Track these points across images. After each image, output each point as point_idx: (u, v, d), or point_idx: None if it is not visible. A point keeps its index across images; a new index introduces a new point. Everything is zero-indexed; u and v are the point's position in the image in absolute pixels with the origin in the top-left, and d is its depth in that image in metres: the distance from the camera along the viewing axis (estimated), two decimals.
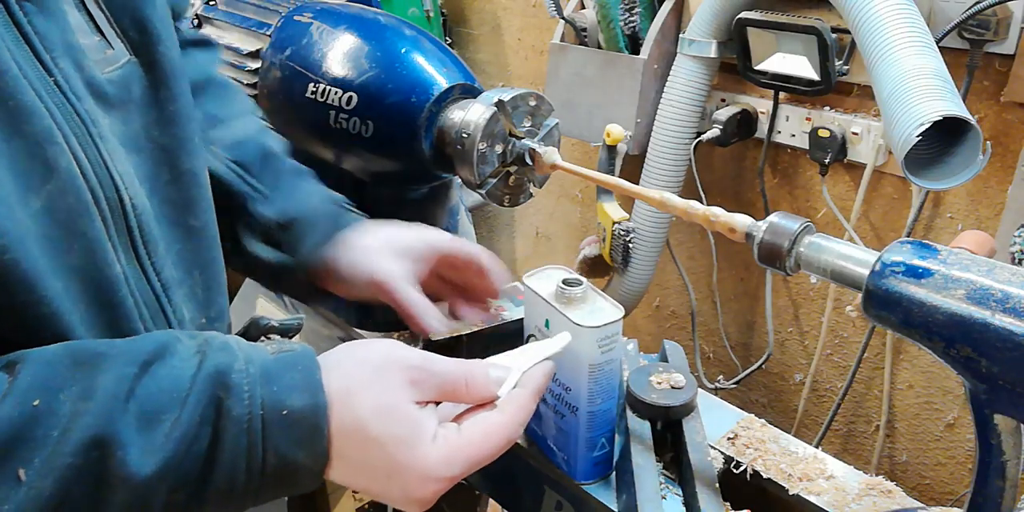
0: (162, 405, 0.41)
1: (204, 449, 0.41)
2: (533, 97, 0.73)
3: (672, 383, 0.78)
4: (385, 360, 0.47)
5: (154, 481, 0.40)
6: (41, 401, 0.39)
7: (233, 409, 0.42)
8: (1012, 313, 0.47)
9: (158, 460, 0.40)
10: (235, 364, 0.44)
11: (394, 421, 0.45)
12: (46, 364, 0.41)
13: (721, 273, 1.41)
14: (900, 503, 0.73)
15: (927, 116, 0.80)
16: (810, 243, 0.58)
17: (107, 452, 0.39)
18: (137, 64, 0.51)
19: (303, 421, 0.43)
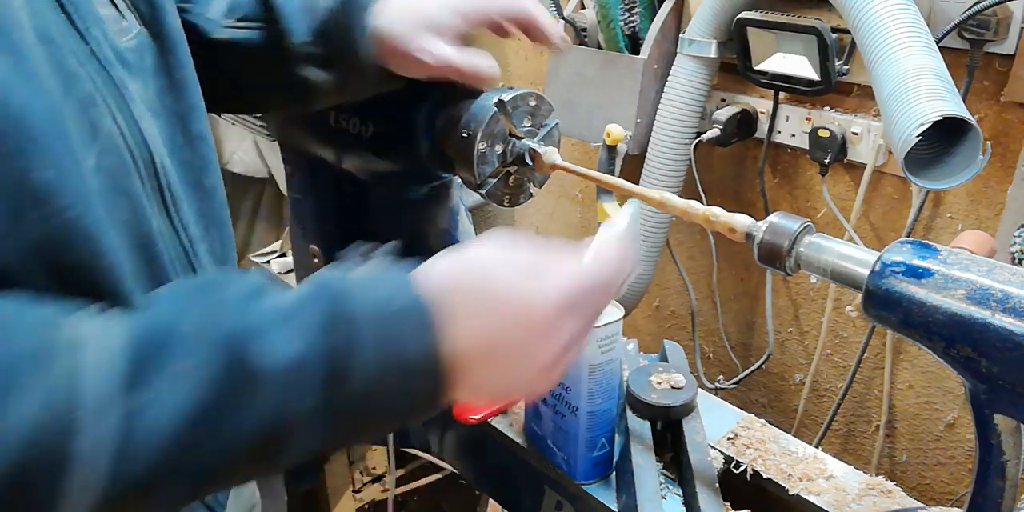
0: (286, 309, 0.41)
1: (336, 344, 0.40)
2: (533, 97, 0.73)
3: (672, 383, 0.78)
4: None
5: (292, 373, 0.39)
6: (177, 309, 0.41)
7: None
8: (1012, 313, 0.47)
9: (294, 350, 0.40)
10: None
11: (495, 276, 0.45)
12: (170, 291, 0.43)
13: (721, 273, 1.41)
14: (900, 503, 0.74)
15: (927, 116, 0.80)
16: (810, 243, 0.58)
17: (247, 345, 0.39)
18: (147, 35, 0.54)
19: (409, 310, 0.42)
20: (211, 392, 0.38)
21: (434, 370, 0.42)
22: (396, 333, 0.41)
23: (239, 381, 0.39)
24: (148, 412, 0.37)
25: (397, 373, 0.41)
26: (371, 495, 1.43)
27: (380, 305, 0.42)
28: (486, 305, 0.44)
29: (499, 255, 0.47)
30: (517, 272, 0.46)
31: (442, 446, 1.00)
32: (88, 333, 0.38)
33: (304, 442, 0.41)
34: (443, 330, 0.42)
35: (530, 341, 0.45)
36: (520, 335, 0.44)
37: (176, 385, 0.38)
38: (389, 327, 0.41)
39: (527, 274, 0.46)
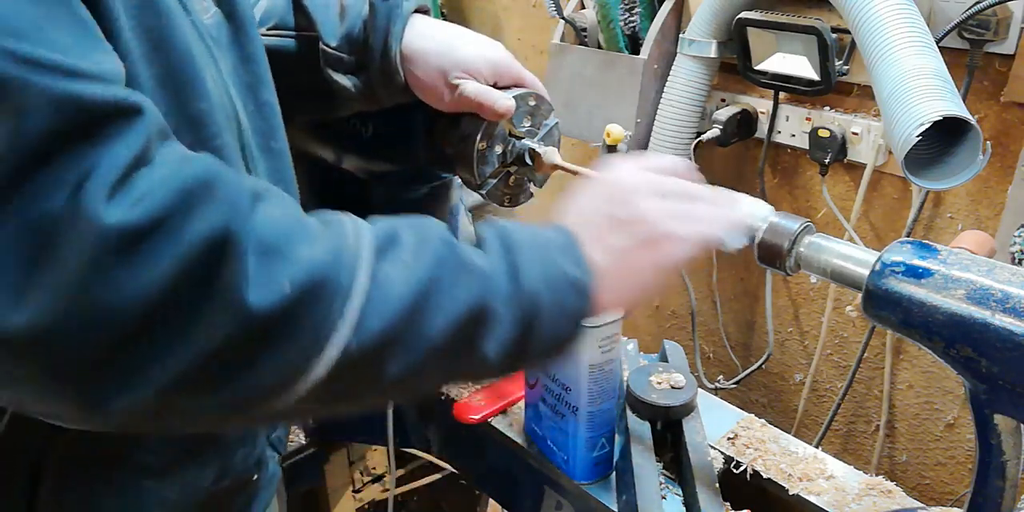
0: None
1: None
2: (533, 97, 0.73)
3: (672, 383, 0.78)
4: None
5: (487, 269, 0.48)
6: (395, 224, 0.48)
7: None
8: (1012, 313, 0.47)
9: (485, 259, 0.49)
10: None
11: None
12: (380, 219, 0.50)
13: (721, 273, 1.41)
14: (900, 503, 0.74)
15: (927, 116, 0.80)
16: (810, 243, 0.58)
17: (456, 247, 0.48)
18: (221, 14, 0.60)
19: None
20: (435, 270, 0.46)
21: (583, 280, 0.51)
22: (551, 255, 0.51)
23: (454, 267, 0.47)
24: (390, 277, 0.44)
25: (555, 284, 0.50)
26: (371, 495, 1.43)
27: (539, 235, 0.52)
28: (603, 224, 0.55)
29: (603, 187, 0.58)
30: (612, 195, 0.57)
31: (442, 446, 1.00)
32: (343, 217, 0.47)
33: (497, 333, 0.48)
34: (583, 249, 0.52)
35: (636, 224, 0.55)
36: (627, 226, 0.55)
37: (410, 263, 0.46)
38: (545, 249, 0.51)
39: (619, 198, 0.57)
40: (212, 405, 0.42)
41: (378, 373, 0.45)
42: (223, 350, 0.40)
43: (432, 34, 0.72)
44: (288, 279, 0.41)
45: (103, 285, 0.37)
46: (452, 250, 0.48)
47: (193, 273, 0.39)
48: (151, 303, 0.38)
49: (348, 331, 0.43)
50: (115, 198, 0.38)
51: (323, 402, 0.45)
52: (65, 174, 0.37)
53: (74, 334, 0.37)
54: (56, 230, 0.37)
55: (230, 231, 0.40)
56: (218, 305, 0.39)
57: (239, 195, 0.42)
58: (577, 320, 0.52)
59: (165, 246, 0.38)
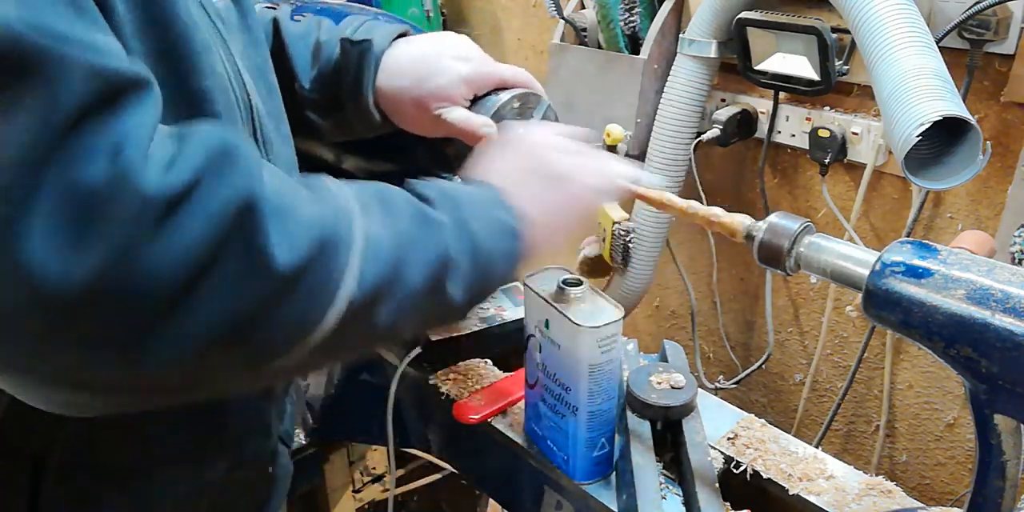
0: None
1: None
2: (517, 99, 0.74)
3: (672, 383, 0.78)
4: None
5: (450, 226, 0.53)
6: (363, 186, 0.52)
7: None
8: (1012, 313, 0.47)
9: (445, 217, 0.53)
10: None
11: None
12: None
13: (721, 273, 1.41)
14: (900, 503, 0.74)
15: (927, 116, 0.80)
16: (810, 243, 0.58)
17: (423, 208, 0.53)
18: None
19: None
20: (408, 225, 0.51)
21: (516, 226, 0.57)
22: (486, 207, 0.57)
23: (421, 222, 0.52)
24: (375, 232, 0.48)
25: (498, 234, 0.56)
26: (371, 495, 1.43)
27: (472, 192, 0.58)
28: (521, 173, 0.62)
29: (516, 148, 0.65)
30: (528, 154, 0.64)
31: (442, 446, 1.00)
32: (322, 179, 0.50)
33: (459, 278, 0.53)
34: (512, 202, 0.58)
35: (548, 168, 0.63)
36: (544, 178, 0.62)
37: (386, 220, 0.50)
38: (478, 203, 0.57)
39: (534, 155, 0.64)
40: (238, 361, 0.45)
41: (373, 321, 0.49)
42: (253, 306, 0.42)
43: (402, 71, 0.73)
44: (304, 236, 0.44)
45: (146, 249, 0.39)
46: (415, 207, 0.53)
47: (226, 235, 0.41)
48: (189, 264, 0.40)
49: (353, 283, 0.46)
50: (149, 165, 0.39)
51: (326, 353, 0.49)
52: (102, 141, 0.38)
53: (122, 295, 0.39)
54: (99, 197, 0.38)
55: (252, 194, 0.42)
56: (249, 264, 0.42)
57: (253, 159, 0.44)
58: (515, 260, 0.58)
59: (199, 209, 0.40)
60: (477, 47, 0.75)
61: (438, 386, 0.92)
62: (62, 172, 0.37)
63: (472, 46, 0.75)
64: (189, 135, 0.43)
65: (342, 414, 0.87)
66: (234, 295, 0.41)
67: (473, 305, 0.58)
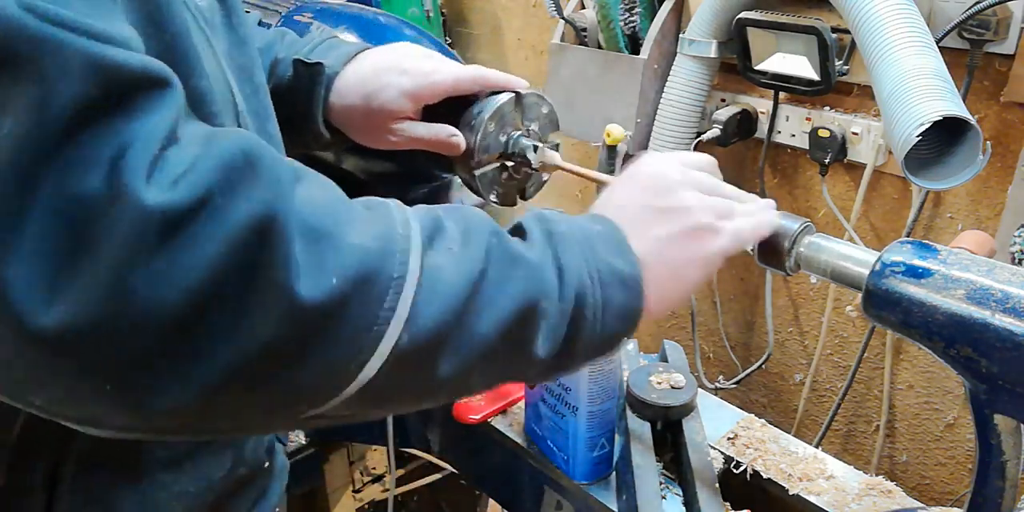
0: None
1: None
2: (546, 104, 0.74)
3: (672, 383, 0.78)
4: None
5: (535, 262, 0.46)
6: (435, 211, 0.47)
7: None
8: (1012, 313, 0.47)
9: (533, 251, 0.46)
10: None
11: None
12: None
13: (721, 273, 1.41)
14: (900, 503, 0.74)
15: (927, 116, 0.80)
16: (810, 243, 0.58)
17: (504, 239, 0.46)
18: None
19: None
20: (484, 264, 0.43)
21: (631, 274, 0.49)
22: (596, 247, 0.49)
23: (504, 260, 0.45)
24: (440, 268, 0.42)
25: (603, 279, 0.48)
26: (371, 495, 1.43)
27: (584, 228, 0.50)
28: (650, 212, 0.54)
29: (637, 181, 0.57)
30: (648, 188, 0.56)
31: (442, 446, 1.00)
32: (387, 201, 0.45)
33: (547, 331, 0.45)
34: (629, 242, 0.50)
35: (675, 213, 0.53)
36: (678, 227, 0.53)
37: (458, 254, 0.43)
38: (591, 243, 0.49)
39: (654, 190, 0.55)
40: (258, 406, 0.39)
41: (429, 372, 0.42)
42: (271, 345, 0.36)
43: (349, 91, 0.71)
44: (338, 267, 0.38)
45: (144, 275, 0.34)
46: (500, 240, 0.46)
47: (238, 259, 0.35)
48: (194, 294, 0.34)
49: (400, 325, 0.39)
50: (153, 177, 0.34)
51: (371, 403, 0.42)
52: (100, 149, 0.34)
53: (113, 330, 0.34)
54: (92, 214, 0.33)
55: (275, 212, 0.36)
56: (266, 295, 0.36)
57: (280, 173, 0.38)
58: (627, 316, 0.49)
59: (208, 230, 0.35)
60: (425, 55, 0.72)
61: None
62: (55, 185, 0.33)
63: (418, 58, 0.71)
64: (210, 141, 0.37)
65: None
66: (248, 331, 0.36)
67: (564, 367, 0.50)
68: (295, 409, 0.40)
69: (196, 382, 0.36)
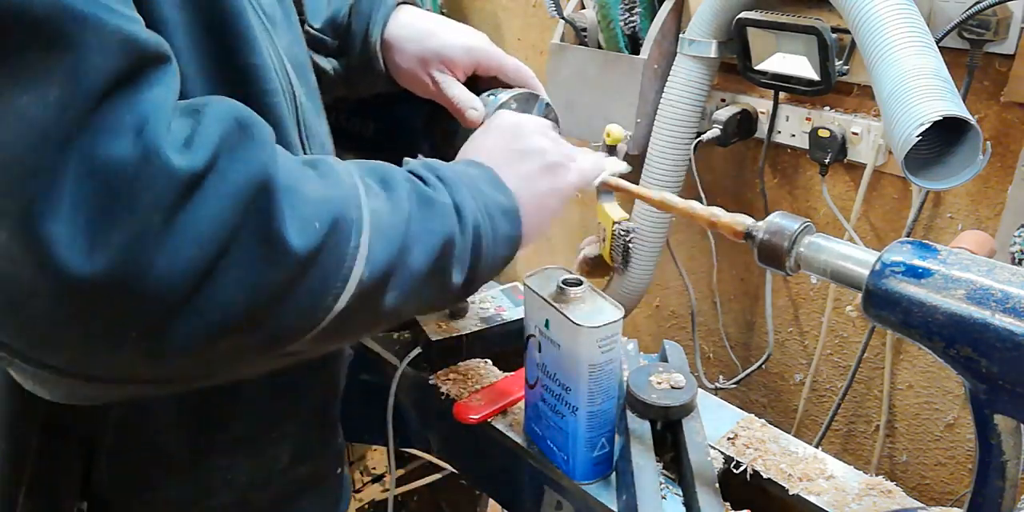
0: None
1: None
2: (514, 100, 0.74)
3: (672, 383, 0.78)
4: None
5: (446, 207, 0.52)
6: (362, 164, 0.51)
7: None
8: (1012, 313, 0.47)
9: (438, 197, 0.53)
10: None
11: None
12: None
13: (721, 273, 1.41)
14: (900, 503, 0.74)
15: (927, 116, 0.80)
16: (810, 243, 0.58)
17: (420, 188, 0.52)
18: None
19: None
20: (408, 205, 0.50)
21: (512, 206, 0.57)
22: (479, 186, 0.56)
23: (421, 202, 0.51)
24: (380, 211, 0.47)
25: (498, 216, 0.56)
26: (371, 495, 1.43)
27: (465, 171, 0.57)
28: (511, 154, 0.62)
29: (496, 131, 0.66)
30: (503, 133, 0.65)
31: (442, 446, 1.00)
32: (325, 158, 0.49)
33: (460, 261, 0.52)
34: (503, 180, 0.58)
35: (533, 159, 0.62)
36: (535, 163, 0.62)
37: (389, 199, 0.49)
38: (474, 183, 0.56)
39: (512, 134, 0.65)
40: (251, 347, 0.43)
41: (379, 304, 0.48)
42: (271, 287, 0.41)
43: (413, 23, 0.74)
44: (315, 215, 0.43)
45: (169, 229, 0.37)
46: (414, 186, 0.52)
47: (243, 213, 0.39)
48: (209, 245, 0.38)
49: (363, 263, 0.45)
50: (172, 142, 0.38)
51: (332, 336, 0.47)
52: (127, 116, 0.37)
53: (142, 280, 0.37)
54: (125, 175, 0.36)
55: (269, 172, 0.41)
56: (265, 247, 0.40)
57: (268, 137, 0.43)
58: (512, 243, 0.57)
59: (218, 188, 0.39)
60: (486, 36, 0.77)
61: (438, 386, 0.92)
62: (89, 149, 0.36)
63: (482, 33, 0.77)
64: (203, 110, 0.41)
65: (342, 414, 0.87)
66: (252, 279, 0.40)
67: (469, 291, 0.57)
68: (280, 346, 0.45)
69: (206, 327, 0.40)
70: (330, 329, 0.45)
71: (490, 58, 0.74)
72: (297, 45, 0.61)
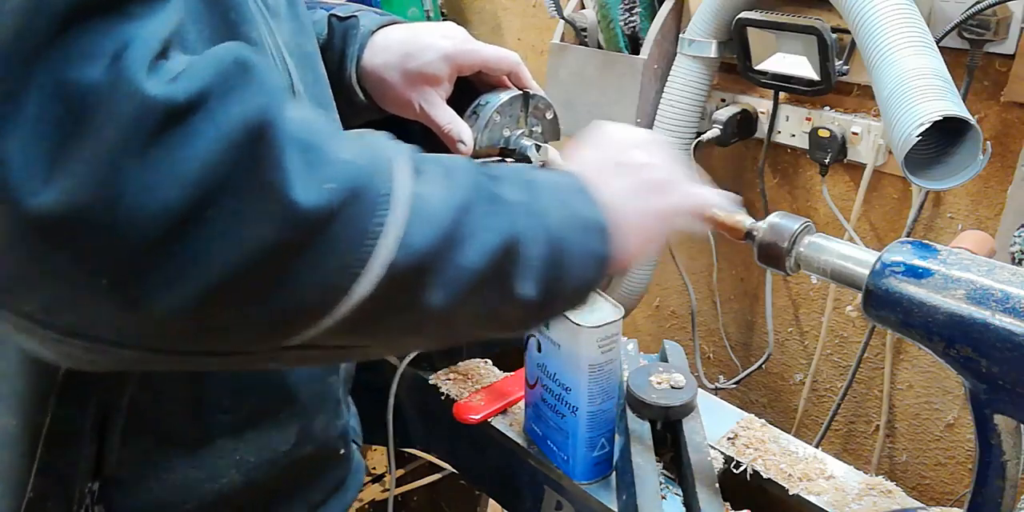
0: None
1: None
2: (551, 111, 0.74)
3: (672, 383, 0.78)
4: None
5: (520, 205, 0.47)
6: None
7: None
8: (1012, 313, 0.47)
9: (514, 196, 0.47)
10: None
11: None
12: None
13: (721, 273, 1.41)
14: (900, 503, 0.74)
15: (927, 116, 0.80)
16: (810, 243, 0.58)
17: (488, 183, 0.47)
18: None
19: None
20: (470, 194, 0.45)
21: (601, 222, 0.51)
22: (566, 196, 0.51)
23: (487, 196, 0.46)
24: (429, 195, 0.42)
25: (582, 228, 0.50)
26: (371, 495, 1.43)
27: (554, 179, 0.52)
28: (611, 166, 0.56)
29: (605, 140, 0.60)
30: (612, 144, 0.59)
31: (442, 446, 1.00)
32: (375, 132, 0.45)
33: (529, 270, 0.46)
34: (595, 192, 0.52)
35: (639, 172, 0.56)
36: (639, 179, 0.56)
37: (445, 184, 0.44)
38: (561, 192, 0.51)
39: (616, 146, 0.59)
40: (252, 319, 0.39)
41: (419, 300, 0.42)
42: (267, 249, 0.37)
43: (388, 47, 0.73)
44: (329, 177, 0.38)
45: (140, 163, 0.34)
46: (484, 177, 0.47)
47: (233, 159, 0.36)
48: (190, 189, 0.35)
49: (393, 244, 0.40)
50: (154, 72, 0.35)
51: (360, 331, 0.43)
52: (102, 42, 0.34)
53: (110, 217, 0.34)
54: (93, 100, 0.34)
55: (269, 117, 0.37)
56: (262, 197, 0.36)
57: (274, 83, 0.39)
58: (601, 262, 0.51)
59: (204, 128, 0.35)
60: (463, 30, 0.75)
61: (438, 386, 0.92)
62: (54, 69, 0.33)
63: (457, 28, 0.74)
64: (208, 51, 0.38)
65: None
66: (243, 233, 0.36)
67: (545, 312, 0.52)
68: (291, 327, 0.40)
69: (192, 284, 0.36)
70: (356, 319, 0.41)
71: (470, 58, 0.72)
72: (301, 35, 0.59)
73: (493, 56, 0.73)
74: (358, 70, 0.73)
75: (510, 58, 0.74)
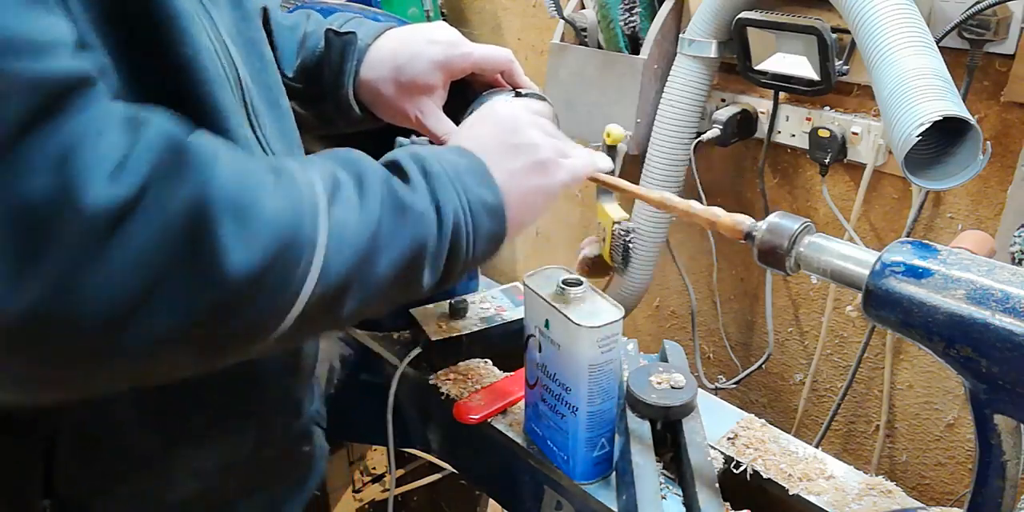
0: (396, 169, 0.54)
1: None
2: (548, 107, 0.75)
3: (672, 383, 0.78)
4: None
5: (421, 212, 0.52)
6: (334, 165, 0.50)
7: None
8: (1012, 313, 0.47)
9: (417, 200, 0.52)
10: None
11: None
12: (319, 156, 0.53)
13: (721, 273, 1.41)
14: (900, 503, 0.74)
15: (927, 116, 0.80)
16: (810, 243, 0.58)
17: (395, 188, 0.51)
18: None
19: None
20: (380, 214, 0.49)
21: (497, 204, 0.56)
22: (465, 181, 0.55)
23: (395, 209, 0.50)
24: (344, 223, 0.46)
25: (474, 210, 0.54)
26: (371, 495, 1.43)
27: (453, 163, 0.56)
28: (505, 148, 0.60)
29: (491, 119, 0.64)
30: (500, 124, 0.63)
31: (442, 446, 1.00)
32: (286, 162, 0.48)
33: (431, 267, 0.52)
34: (492, 174, 0.57)
35: (527, 152, 0.61)
36: (527, 158, 0.61)
37: (357, 205, 0.48)
38: (461, 177, 0.55)
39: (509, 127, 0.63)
40: (194, 359, 0.44)
41: (337, 312, 0.48)
42: (208, 315, 0.40)
43: (383, 59, 0.74)
44: (261, 239, 0.41)
45: (97, 265, 0.37)
46: (390, 189, 0.51)
47: (176, 245, 0.39)
48: (140, 280, 0.38)
49: (314, 280, 0.44)
50: (97, 173, 0.37)
51: (289, 340, 0.47)
52: (48, 149, 0.36)
53: (68, 318, 0.37)
54: (44, 215, 0.35)
55: (205, 196, 0.40)
56: (201, 271, 0.39)
57: (204, 155, 0.41)
58: (494, 241, 0.56)
59: (148, 220, 0.38)
60: (452, 30, 0.75)
61: (438, 386, 0.92)
62: (7, 188, 0.35)
63: (445, 30, 0.75)
64: (141, 128, 0.40)
65: (342, 414, 0.87)
66: (187, 306, 0.39)
67: (442, 288, 0.57)
68: (229, 355, 0.46)
69: (137, 356, 0.40)
70: (284, 337, 0.45)
71: (461, 62, 0.74)
72: (244, 21, 0.60)
73: (483, 58, 0.74)
74: (356, 88, 0.74)
75: (502, 57, 0.75)
